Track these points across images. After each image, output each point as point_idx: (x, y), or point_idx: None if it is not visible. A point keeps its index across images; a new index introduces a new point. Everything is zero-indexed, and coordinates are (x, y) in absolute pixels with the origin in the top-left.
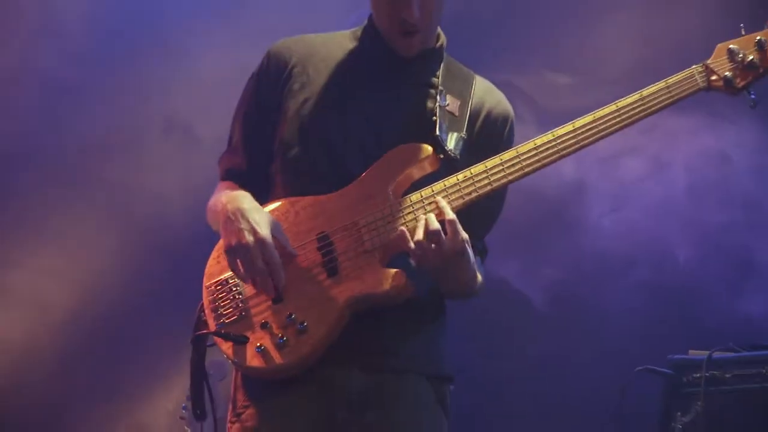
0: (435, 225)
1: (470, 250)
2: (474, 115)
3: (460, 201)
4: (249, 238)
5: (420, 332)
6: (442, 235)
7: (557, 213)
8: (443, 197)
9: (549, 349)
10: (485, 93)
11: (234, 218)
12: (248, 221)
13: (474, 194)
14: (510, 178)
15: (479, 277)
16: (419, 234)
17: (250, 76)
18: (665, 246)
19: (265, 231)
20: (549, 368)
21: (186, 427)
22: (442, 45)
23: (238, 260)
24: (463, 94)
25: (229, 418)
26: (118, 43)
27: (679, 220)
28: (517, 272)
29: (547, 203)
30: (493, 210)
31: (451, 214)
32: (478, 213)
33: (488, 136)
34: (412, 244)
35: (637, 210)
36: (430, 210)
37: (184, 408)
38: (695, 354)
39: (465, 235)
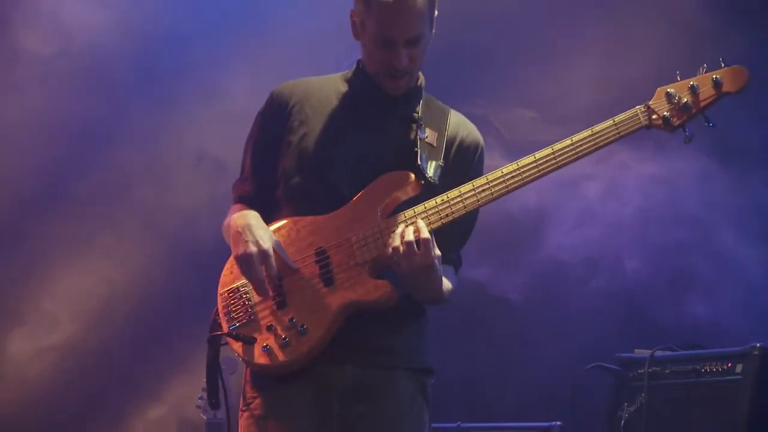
0: (409, 237)
1: (439, 266)
2: (449, 145)
3: (438, 221)
4: (253, 249)
5: (404, 331)
6: (414, 246)
7: (525, 230)
8: (423, 218)
9: (517, 346)
10: (459, 125)
11: (242, 232)
12: (254, 235)
13: (450, 215)
14: (481, 201)
15: (449, 286)
16: (396, 242)
17: (256, 114)
18: (618, 259)
19: (267, 245)
20: (516, 362)
21: (202, 415)
22: (421, 84)
23: (243, 266)
24: (439, 127)
25: (240, 407)
26: (158, 85)
27: (630, 237)
28: (491, 279)
29: (517, 221)
30: (466, 228)
31: (425, 234)
32: (454, 230)
33: (461, 162)
34: (389, 249)
35: (594, 227)
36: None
37: (201, 398)
38: (640, 353)
39: (437, 252)
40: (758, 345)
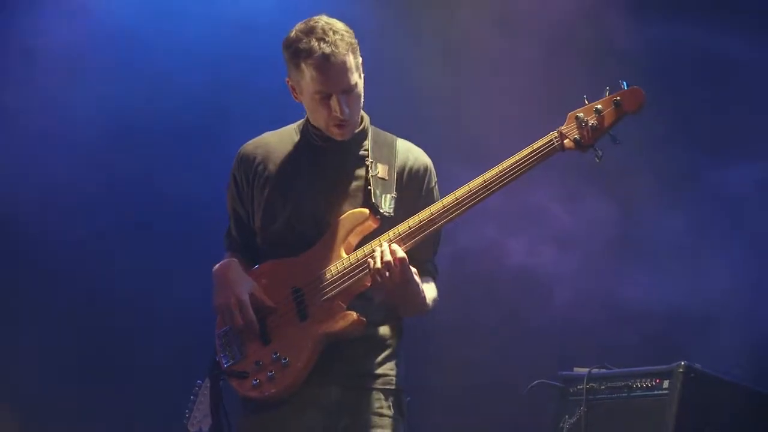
0: (387, 257)
1: (418, 280)
2: (399, 175)
3: (409, 244)
4: (230, 299)
5: (380, 357)
6: (393, 265)
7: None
8: (395, 242)
9: (473, 364)
10: (406, 152)
11: (222, 282)
12: (231, 286)
13: (416, 238)
14: (439, 225)
15: (432, 295)
16: (377, 263)
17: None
18: (563, 287)
19: (243, 295)
20: (474, 379)
21: (189, 429)
22: (365, 125)
23: (223, 315)
24: (389, 159)
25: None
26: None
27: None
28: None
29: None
30: (434, 239)
31: (401, 254)
32: (424, 242)
33: (413, 187)
34: (371, 273)
35: (545, 252)
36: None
37: (187, 411)
38: (579, 370)
39: (414, 270)
40: (683, 363)
